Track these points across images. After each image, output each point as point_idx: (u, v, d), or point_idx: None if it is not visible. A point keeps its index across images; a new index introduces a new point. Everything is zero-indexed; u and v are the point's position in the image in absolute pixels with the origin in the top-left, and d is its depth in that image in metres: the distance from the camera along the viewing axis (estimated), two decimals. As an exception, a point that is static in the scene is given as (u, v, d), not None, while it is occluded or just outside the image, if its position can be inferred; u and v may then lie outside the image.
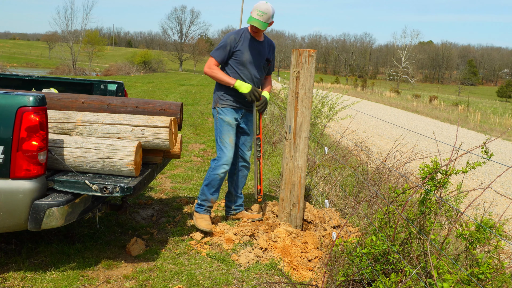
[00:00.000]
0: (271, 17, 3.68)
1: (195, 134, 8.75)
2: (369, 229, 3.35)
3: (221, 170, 3.72)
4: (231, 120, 3.79)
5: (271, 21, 3.70)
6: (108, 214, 4.00)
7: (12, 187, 2.59)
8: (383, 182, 4.57)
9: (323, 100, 8.87)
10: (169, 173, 5.67)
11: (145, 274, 3.05)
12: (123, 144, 2.93)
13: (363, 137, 9.29)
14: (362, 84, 56.71)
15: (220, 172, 3.72)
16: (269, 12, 3.63)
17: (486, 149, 2.42)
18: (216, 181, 3.74)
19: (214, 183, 3.75)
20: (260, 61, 3.83)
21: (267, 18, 3.64)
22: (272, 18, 3.69)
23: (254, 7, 3.68)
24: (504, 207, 5.91)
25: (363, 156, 6.20)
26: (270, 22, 3.70)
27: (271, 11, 3.65)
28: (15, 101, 2.59)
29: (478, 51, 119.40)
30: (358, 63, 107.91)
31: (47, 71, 41.80)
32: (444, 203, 2.63)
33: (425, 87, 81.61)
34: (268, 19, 3.65)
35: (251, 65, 3.79)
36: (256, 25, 3.63)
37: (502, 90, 68.83)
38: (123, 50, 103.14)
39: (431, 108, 28.49)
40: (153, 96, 16.79)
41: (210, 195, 3.76)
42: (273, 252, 3.36)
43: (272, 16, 3.69)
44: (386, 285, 2.40)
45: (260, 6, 3.63)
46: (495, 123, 22.17)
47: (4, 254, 3.16)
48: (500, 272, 2.33)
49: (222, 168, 3.72)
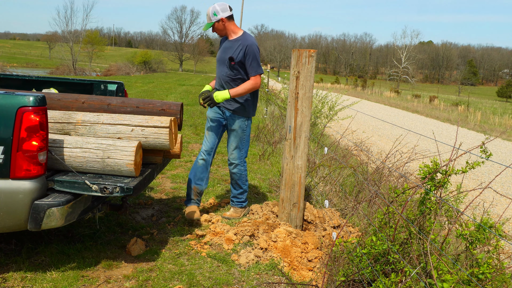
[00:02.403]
0: (212, 15, 3.89)
1: (195, 134, 8.75)
2: (369, 229, 3.35)
3: (198, 157, 4.21)
4: (210, 115, 4.12)
5: (217, 18, 3.89)
6: (108, 214, 4.00)
7: (12, 187, 2.59)
8: (383, 182, 4.57)
9: (323, 100, 8.87)
10: (169, 173, 5.68)
11: (145, 274, 3.05)
12: (123, 144, 2.93)
13: (363, 137, 9.30)
14: (362, 84, 56.73)
15: (197, 159, 4.20)
16: (208, 12, 3.92)
17: (485, 148, 2.42)
18: (193, 167, 4.19)
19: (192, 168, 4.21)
20: (224, 59, 3.95)
21: (208, 18, 3.92)
22: (215, 15, 3.88)
23: None
24: (504, 207, 5.91)
25: (363, 156, 6.20)
26: (217, 21, 3.90)
27: (210, 10, 3.90)
28: (15, 101, 2.59)
29: (478, 51, 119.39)
30: (358, 63, 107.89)
31: (47, 71, 41.81)
32: (444, 203, 2.63)
33: (425, 87, 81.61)
34: (209, 18, 3.91)
35: (218, 63, 4.04)
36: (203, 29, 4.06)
37: (502, 90, 68.85)
38: (123, 50, 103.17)
39: (431, 108, 28.49)
40: (153, 96, 16.78)
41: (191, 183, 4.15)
42: (273, 252, 3.36)
43: (215, 14, 3.88)
44: (386, 285, 2.40)
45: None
46: (495, 123, 22.17)
47: (4, 254, 3.16)
48: (500, 272, 2.33)
49: (199, 155, 4.20)
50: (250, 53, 3.84)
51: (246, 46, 3.85)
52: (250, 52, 3.84)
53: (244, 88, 3.86)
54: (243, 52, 3.85)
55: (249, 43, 3.88)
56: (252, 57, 3.86)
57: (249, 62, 3.87)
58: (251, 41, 3.90)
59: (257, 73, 3.89)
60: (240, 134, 4.04)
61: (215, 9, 3.87)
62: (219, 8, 3.87)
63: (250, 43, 3.87)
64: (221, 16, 3.86)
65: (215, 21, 3.88)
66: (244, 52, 3.85)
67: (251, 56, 3.85)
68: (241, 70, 3.91)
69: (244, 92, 3.87)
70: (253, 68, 3.87)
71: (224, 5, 3.90)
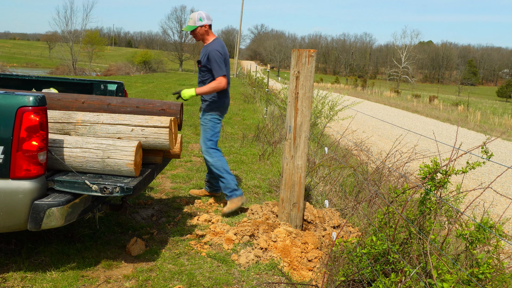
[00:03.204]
0: (198, 20, 4.27)
1: (195, 134, 8.75)
2: (369, 229, 3.35)
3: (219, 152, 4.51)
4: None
5: (201, 23, 4.28)
6: (108, 214, 4.00)
7: (12, 187, 2.59)
8: (383, 182, 4.57)
9: (323, 101, 8.87)
10: (169, 173, 5.68)
11: (145, 274, 3.05)
12: (123, 144, 2.93)
13: (363, 137, 9.30)
14: (362, 84, 56.74)
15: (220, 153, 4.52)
16: (194, 16, 4.28)
17: (486, 149, 2.42)
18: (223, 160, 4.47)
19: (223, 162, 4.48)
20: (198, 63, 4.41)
21: (193, 21, 4.29)
22: (201, 20, 4.27)
23: None
24: (504, 207, 5.91)
25: (363, 156, 6.20)
26: (200, 25, 4.27)
27: (196, 15, 4.28)
28: (15, 101, 2.59)
29: (478, 51, 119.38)
30: (358, 63, 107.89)
31: (47, 71, 41.82)
32: (444, 203, 2.63)
33: (425, 87, 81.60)
34: (194, 22, 4.28)
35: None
36: (183, 29, 4.37)
37: (502, 90, 68.87)
38: (123, 50, 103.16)
39: (431, 108, 28.49)
40: (153, 96, 16.78)
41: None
42: (273, 252, 3.36)
43: (201, 19, 4.27)
44: (386, 285, 2.40)
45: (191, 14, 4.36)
46: (495, 123, 22.18)
47: (4, 254, 3.16)
48: (500, 272, 2.33)
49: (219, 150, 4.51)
50: (211, 57, 4.24)
51: (209, 52, 4.26)
52: (211, 57, 4.24)
53: (208, 87, 4.24)
54: (207, 57, 4.28)
55: (211, 48, 4.28)
56: (213, 61, 4.24)
57: (212, 65, 4.26)
58: (214, 46, 4.29)
59: (218, 75, 4.24)
60: (204, 127, 4.41)
61: (201, 16, 4.28)
62: (205, 15, 4.30)
63: (212, 49, 4.27)
64: (205, 23, 4.29)
65: (198, 25, 4.29)
66: (208, 57, 4.27)
67: (212, 60, 4.24)
68: (208, 73, 4.31)
69: (208, 90, 4.23)
70: (215, 70, 4.25)
71: (208, 14, 4.35)
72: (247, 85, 25.02)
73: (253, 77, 24.04)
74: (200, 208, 4.43)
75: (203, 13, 4.30)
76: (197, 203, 4.54)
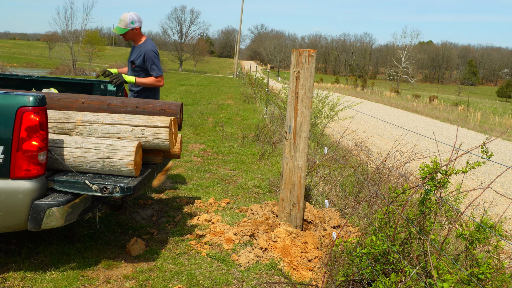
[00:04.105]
0: (130, 23, 4.28)
1: (195, 134, 8.75)
2: (369, 229, 3.35)
3: None
4: None
5: (133, 26, 4.30)
6: (108, 214, 4.00)
7: (12, 187, 2.59)
8: (383, 182, 4.57)
9: (323, 101, 8.87)
10: (169, 173, 5.67)
11: (145, 274, 3.05)
12: (123, 144, 2.93)
13: (363, 137, 9.30)
14: (362, 84, 56.75)
15: None
16: (126, 18, 4.28)
17: (485, 149, 2.42)
18: None
19: None
20: (129, 62, 4.45)
21: (124, 24, 4.29)
22: (132, 23, 4.29)
23: None
24: (504, 207, 5.91)
25: (363, 156, 6.19)
26: (131, 28, 4.30)
27: (127, 17, 4.27)
28: (15, 101, 2.59)
29: (478, 51, 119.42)
30: (358, 63, 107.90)
31: (47, 71, 41.82)
32: (444, 203, 2.63)
33: (425, 87, 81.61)
34: (126, 25, 4.29)
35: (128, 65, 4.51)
36: (114, 31, 4.36)
37: (502, 90, 68.90)
38: (123, 50, 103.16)
39: (431, 108, 28.49)
40: (153, 96, 16.75)
41: None
42: (273, 252, 3.36)
43: (133, 22, 4.29)
44: (386, 285, 2.40)
45: (121, 15, 4.31)
46: (495, 123, 22.18)
47: (4, 254, 3.16)
48: (500, 272, 2.33)
49: None
50: (148, 58, 4.33)
51: (145, 52, 4.33)
52: (148, 57, 4.33)
53: (148, 80, 4.37)
54: (142, 57, 4.34)
55: (147, 49, 4.34)
56: (150, 61, 4.35)
57: (150, 65, 4.36)
58: (149, 47, 4.35)
59: (158, 75, 4.38)
60: None
61: (133, 19, 4.31)
62: (136, 18, 4.34)
63: (148, 49, 4.34)
64: (136, 25, 4.35)
65: (130, 28, 4.31)
66: (144, 57, 4.33)
67: (149, 61, 4.34)
68: (143, 72, 4.39)
69: (147, 83, 4.36)
70: (154, 70, 4.37)
71: (139, 16, 4.39)
72: (247, 85, 25.03)
73: (253, 77, 24.05)
74: (200, 208, 4.43)
75: (134, 16, 4.31)
76: (197, 203, 4.54)
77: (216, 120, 10.92)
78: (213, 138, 8.38)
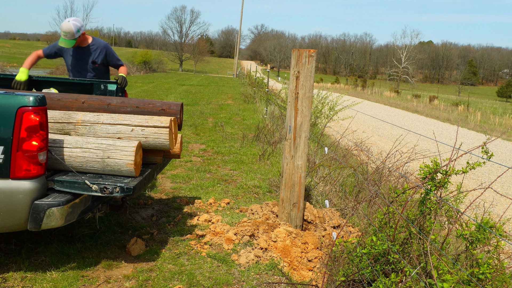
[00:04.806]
0: (76, 32, 4.21)
1: (195, 134, 8.75)
2: (369, 229, 3.35)
3: None
4: None
5: (79, 34, 4.25)
6: (108, 214, 4.00)
7: (12, 187, 2.59)
8: (383, 182, 4.57)
9: (323, 101, 8.87)
10: (169, 173, 5.67)
11: (145, 274, 3.05)
12: (123, 144, 2.93)
13: (363, 137, 9.30)
14: (362, 84, 56.76)
15: None
16: (71, 30, 4.17)
17: (486, 149, 2.42)
18: None
19: None
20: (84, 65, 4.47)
21: (72, 36, 4.20)
22: (78, 32, 4.23)
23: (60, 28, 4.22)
24: (504, 207, 5.91)
25: (363, 156, 6.19)
26: (79, 36, 4.26)
27: (72, 28, 4.17)
28: (15, 101, 2.59)
29: (478, 51, 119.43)
30: (358, 63, 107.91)
31: (47, 71, 41.79)
32: (444, 203, 2.63)
33: (425, 87, 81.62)
34: (73, 35, 4.20)
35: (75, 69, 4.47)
36: (64, 46, 4.25)
37: (502, 90, 68.92)
38: (123, 50, 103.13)
39: (431, 108, 28.50)
40: (153, 96, 16.78)
41: None
42: (273, 252, 3.35)
43: (79, 30, 4.23)
44: (386, 285, 2.40)
45: (62, 27, 4.17)
46: (495, 123, 22.18)
47: (4, 254, 3.16)
48: (500, 272, 2.33)
49: None
50: (109, 52, 4.53)
51: (105, 49, 4.49)
52: (109, 52, 4.52)
53: (126, 71, 4.57)
54: (104, 54, 4.48)
55: (103, 44, 4.49)
56: (112, 55, 4.55)
57: (114, 58, 4.57)
58: (103, 42, 4.52)
59: (122, 63, 4.60)
60: None
61: (77, 26, 4.23)
62: (79, 24, 4.26)
63: (104, 45, 4.50)
64: (82, 31, 4.31)
65: (78, 37, 4.26)
66: (105, 54, 4.49)
67: (111, 54, 4.54)
68: (104, 68, 4.55)
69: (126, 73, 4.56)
70: (119, 60, 4.61)
71: (79, 19, 4.32)
72: (247, 85, 25.03)
73: (253, 77, 24.05)
74: (200, 208, 4.43)
75: (77, 23, 4.24)
76: (197, 203, 4.54)
77: (216, 120, 10.92)
78: (213, 138, 8.38)
